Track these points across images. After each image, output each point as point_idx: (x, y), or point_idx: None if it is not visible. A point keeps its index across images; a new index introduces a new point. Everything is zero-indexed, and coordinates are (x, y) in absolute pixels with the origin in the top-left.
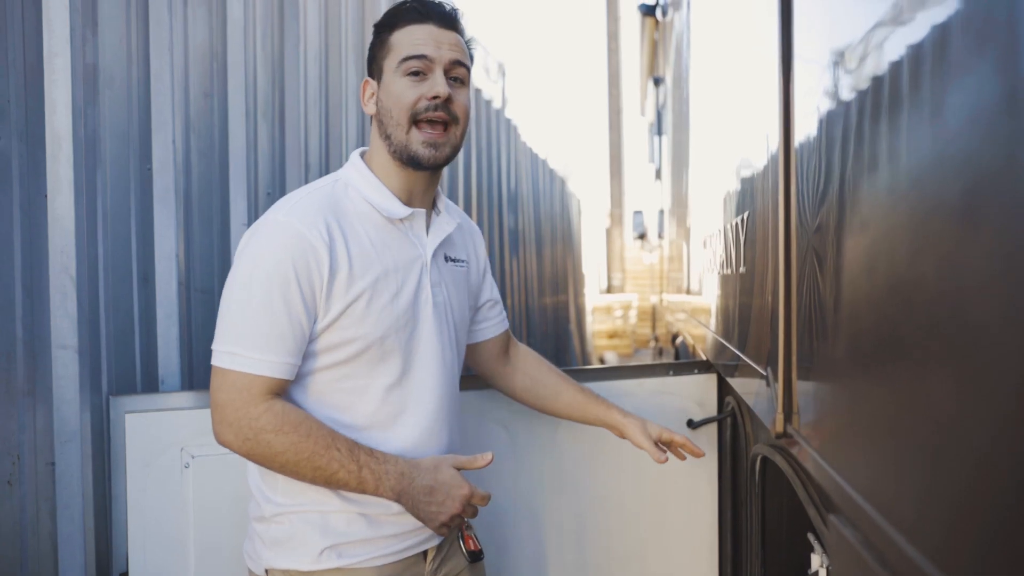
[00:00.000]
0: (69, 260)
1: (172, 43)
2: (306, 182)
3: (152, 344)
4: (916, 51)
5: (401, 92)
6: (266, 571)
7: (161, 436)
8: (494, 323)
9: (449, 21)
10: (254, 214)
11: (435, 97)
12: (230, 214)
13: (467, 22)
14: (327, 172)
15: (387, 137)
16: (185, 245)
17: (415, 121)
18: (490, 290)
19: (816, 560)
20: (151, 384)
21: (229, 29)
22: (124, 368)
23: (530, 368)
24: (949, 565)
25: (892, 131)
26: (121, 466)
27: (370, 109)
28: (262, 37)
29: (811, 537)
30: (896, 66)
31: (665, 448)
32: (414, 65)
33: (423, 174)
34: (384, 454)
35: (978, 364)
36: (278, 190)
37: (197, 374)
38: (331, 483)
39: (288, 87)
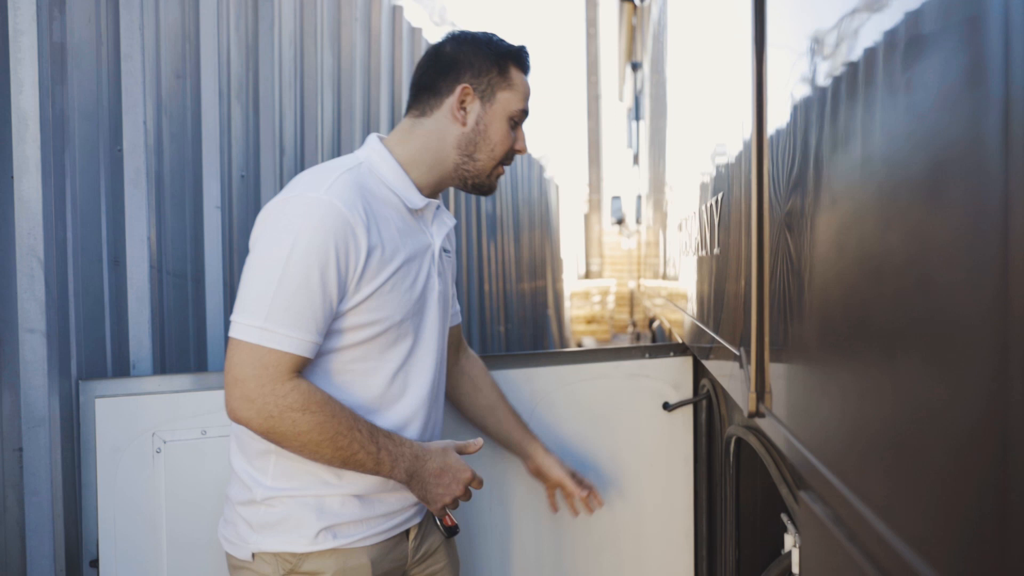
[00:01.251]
0: (37, 242)
1: (143, 22)
2: (281, 166)
3: (123, 328)
4: (888, 35)
5: (505, 134)
6: (253, 555)
7: (132, 421)
8: (453, 313)
9: None
10: (227, 197)
11: (520, 151)
12: (203, 197)
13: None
14: (302, 155)
15: (471, 157)
16: (157, 228)
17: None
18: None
19: (789, 540)
20: (122, 368)
21: (202, 9)
22: (94, 352)
23: (476, 375)
24: (917, 539)
25: (863, 114)
26: (91, 452)
27: (463, 120)
28: (236, 18)
29: (784, 517)
30: (868, 50)
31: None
32: (522, 119)
33: (452, 181)
34: (399, 436)
35: (947, 343)
36: (252, 173)
37: (169, 358)
38: (348, 463)
39: (262, 69)
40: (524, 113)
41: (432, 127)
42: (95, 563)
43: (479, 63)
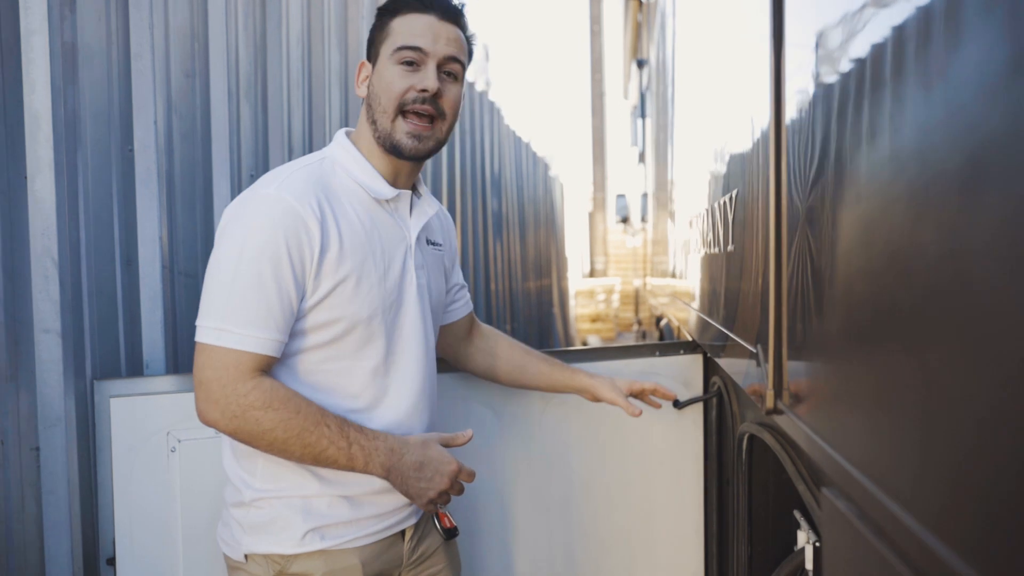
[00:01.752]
0: (51, 242)
1: (152, 22)
2: None
3: (136, 328)
4: (914, 26)
5: (391, 80)
6: (246, 556)
7: (147, 420)
8: (460, 305)
9: (451, 14)
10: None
11: (423, 90)
12: (213, 196)
13: (471, 17)
14: (311, 153)
15: (373, 122)
16: (168, 228)
17: (402, 111)
18: (457, 275)
19: (802, 537)
20: (135, 368)
21: (210, 8)
22: (108, 352)
23: (493, 346)
24: (947, 534)
25: (884, 107)
26: (106, 451)
27: (361, 91)
28: (244, 17)
29: (797, 514)
30: (889, 41)
31: (638, 399)
32: (407, 55)
33: (406, 162)
34: (373, 431)
35: (974, 337)
36: (261, 172)
37: (182, 358)
38: (320, 460)
39: (271, 68)
40: (408, 49)
41: (361, 114)
42: (112, 561)
43: (370, 36)
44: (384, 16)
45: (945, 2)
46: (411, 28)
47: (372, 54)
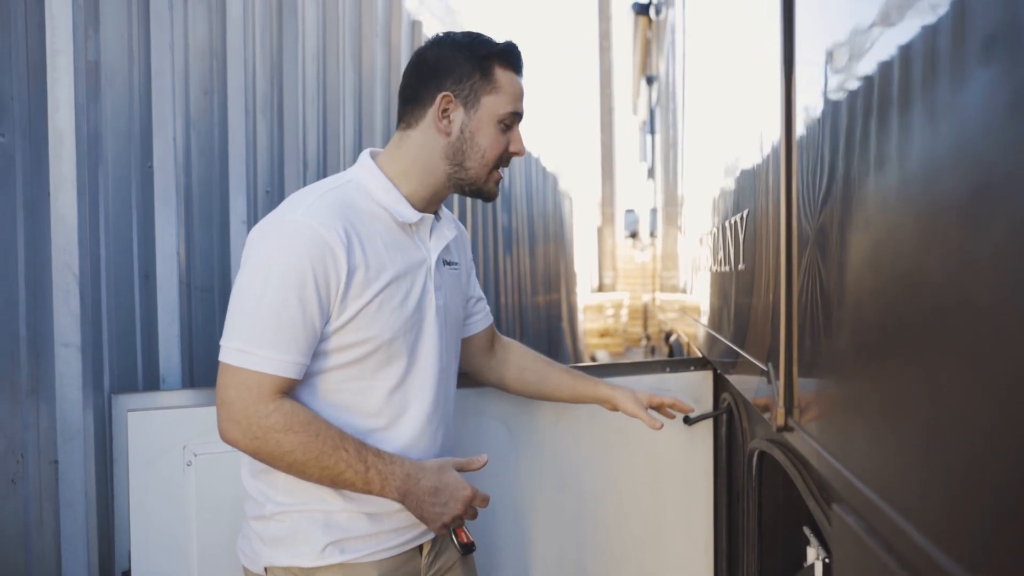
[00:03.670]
0: (72, 258)
1: (173, 41)
2: (304, 180)
3: (153, 342)
4: (922, 45)
5: (496, 138)
6: (265, 569)
7: (163, 434)
8: (479, 318)
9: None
10: (253, 212)
11: (516, 154)
12: (230, 212)
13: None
14: (325, 170)
15: (461, 166)
16: (186, 243)
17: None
18: (474, 288)
19: (812, 553)
20: (152, 382)
21: (228, 27)
22: (126, 366)
23: (516, 358)
24: (956, 550)
25: (895, 127)
26: (123, 464)
27: (446, 128)
28: (261, 35)
29: (807, 530)
30: (901, 60)
31: (657, 411)
32: (514, 121)
33: (449, 191)
34: (390, 455)
35: (985, 354)
36: (276, 188)
37: (198, 372)
38: (337, 483)
39: (287, 85)
40: (515, 115)
41: (419, 139)
42: (127, 573)
43: (460, 67)
44: (488, 60)
45: (956, 22)
46: (516, 91)
47: (467, 94)
